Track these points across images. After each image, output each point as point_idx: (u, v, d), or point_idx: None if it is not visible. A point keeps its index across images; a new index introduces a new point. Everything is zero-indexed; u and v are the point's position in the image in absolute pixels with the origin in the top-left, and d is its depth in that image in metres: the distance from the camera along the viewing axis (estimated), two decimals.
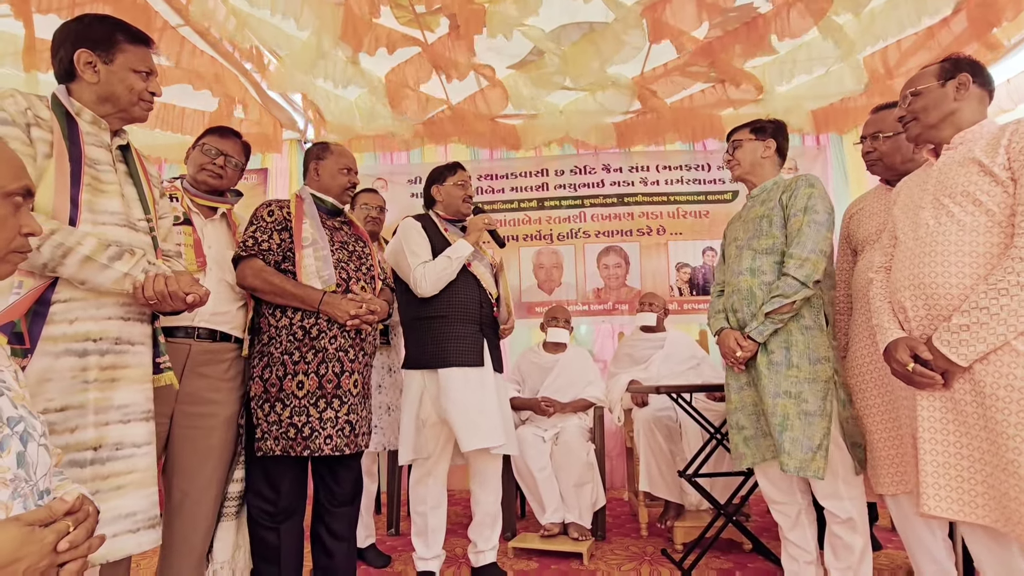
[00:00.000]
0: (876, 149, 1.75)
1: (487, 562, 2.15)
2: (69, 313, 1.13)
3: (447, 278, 2.02)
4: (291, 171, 4.21)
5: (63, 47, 1.27)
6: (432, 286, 2.01)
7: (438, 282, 2.01)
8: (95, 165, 1.25)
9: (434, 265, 2.01)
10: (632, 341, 3.16)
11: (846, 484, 1.65)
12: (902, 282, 1.31)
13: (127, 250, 1.20)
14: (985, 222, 1.20)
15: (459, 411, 1.93)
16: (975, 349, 1.16)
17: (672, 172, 4.00)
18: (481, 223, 2.09)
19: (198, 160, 1.73)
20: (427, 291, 2.01)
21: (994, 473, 1.14)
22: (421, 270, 2.00)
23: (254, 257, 1.68)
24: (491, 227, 2.11)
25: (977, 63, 1.36)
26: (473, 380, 1.98)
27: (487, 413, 1.96)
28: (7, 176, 0.74)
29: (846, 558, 1.64)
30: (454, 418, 1.93)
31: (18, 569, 0.62)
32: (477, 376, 2.00)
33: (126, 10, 2.54)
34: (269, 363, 1.66)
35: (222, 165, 1.73)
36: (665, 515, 2.70)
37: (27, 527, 0.64)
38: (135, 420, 1.17)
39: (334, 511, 1.74)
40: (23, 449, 0.71)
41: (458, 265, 2.03)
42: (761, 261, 1.81)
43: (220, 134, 1.77)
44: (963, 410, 1.20)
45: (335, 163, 1.86)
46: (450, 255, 2.02)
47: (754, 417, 1.79)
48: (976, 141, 1.28)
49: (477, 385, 1.98)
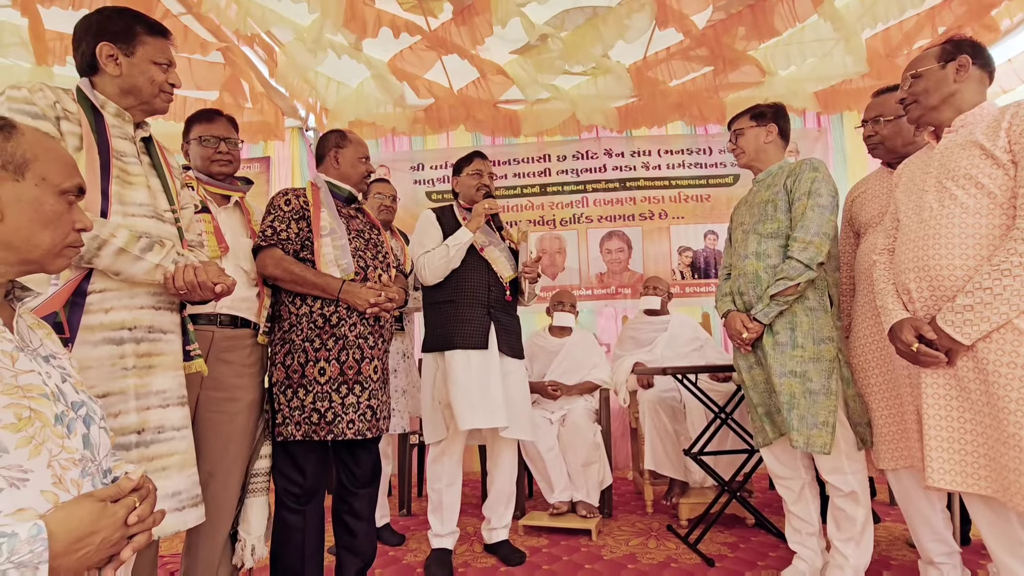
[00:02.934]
0: (877, 132, 1.78)
1: (500, 539, 2.22)
2: (104, 303, 1.17)
3: (446, 265, 2.08)
4: (293, 158, 4.21)
5: (84, 40, 1.29)
6: (432, 274, 2.08)
7: (437, 270, 2.08)
8: (122, 157, 1.27)
9: (434, 254, 2.08)
10: (636, 324, 3.21)
11: (849, 459, 1.71)
12: (906, 264, 1.35)
13: (157, 241, 1.23)
14: (987, 204, 1.25)
15: (458, 391, 2.00)
16: (978, 328, 1.20)
17: (673, 156, 4.02)
18: (481, 209, 2.12)
19: (202, 153, 1.73)
20: (428, 279, 2.09)
21: (995, 447, 1.20)
22: (422, 260, 2.09)
23: (274, 247, 1.71)
24: (492, 211, 2.14)
25: (978, 44, 1.38)
26: (476, 362, 2.04)
27: (487, 394, 2.01)
28: (62, 175, 0.77)
29: (848, 529, 1.70)
30: (453, 398, 2.00)
31: (95, 540, 0.67)
32: (480, 358, 2.05)
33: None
34: (291, 350, 1.70)
35: (227, 151, 1.75)
36: (670, 492, 2.78)
37: (100, 503, 0.68)
38: (172, 405, 1.22)
39: (356, 492, 1.79)
40: (87, 431, 0.75)
41: (458, 252, 2.08)
42: (766, 245, 1.85)
43: (208, 119, 1.76)
44: (967, 387, 1.26)
45: (355, 152, 1.89)
46: (449, 243, 2.08)
47: (765, 395, 1.85)
48: (977, 124, 1.31)
49: (479, 367, 2.04)
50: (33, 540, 0.61)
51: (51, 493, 0.67)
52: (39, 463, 0.66)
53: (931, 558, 1.65)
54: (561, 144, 4.08)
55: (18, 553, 0.60)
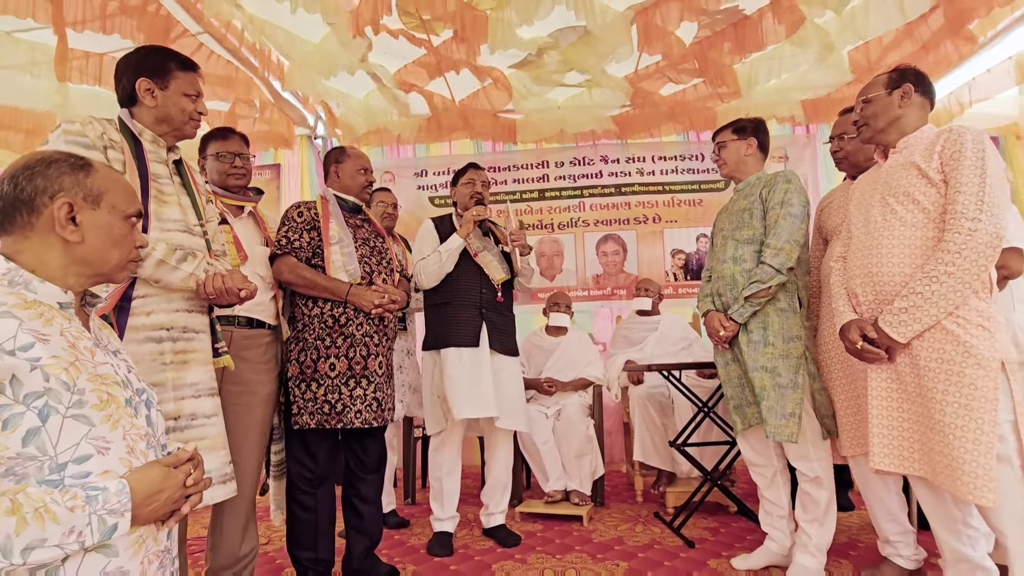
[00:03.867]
0: (842, 148, 1.94)
1: (497, 523, 2.40)
2: (146, 307, 1.35)
3: (442, 270, 2.26)
4: (302, 166, 4.39)
5: (125, 76, 1.46)
6: (428, 279, 2.27)
7: (432, 275, 2.27)
8: (157, 179, 1.45)
9: (428, 260, 2.26)
10: (629, 324, 3.37)
11: (814, 447, 1.86)
12: (854, 271, 1.51)
13: (190, 253, 1.41)
14: (922, 219, 1.40)
15: (451, 385, 2.19)
16: (912, 328, 1.36)
17: (667, 163, 4.18)
18: (470, 216, 2.29)
19: (219, 168, 1.90)
20: (424, 284, 2.29)
21: (926, 433, 1.36)
22: (419, 266, 2.29)
23: (288, 255, 1.89)
24: (480, 217, 2.29)
25: (920, 73, 1.53)
26: (467, 358, 2.22)
27: (477, 388, 2.19)
28: (127, 203, 0.94)
29: (813, 511, 1.86)
30: (447, 391, 2.19)
31: (162, 497, 0.84)
32: (472, 355, 2.23)
33: (150, 20, 2.72)
34: (304, 348, 1.87)
35: (241, 165, 1.93)
36: (658, 482, 2.95)
37: (165, 468, 0.86)
38: (204, 395, 1.39)
39: (364, 477, 1.97)
40: (148, 412, 0.93)
41: (449, 257, 2.25)
42: (743, 250, 2.01)
43: (223, 137, 1.93)
44: (904, 380, 1.42)
45: (352, 165, 2.06)
46: (441, 250, 2.25)
47: (739, 389, 2.01)
48: (916, 146, 1.47)
49: (471, 363, 2.22)
50: (120, 493, 0.78)
51: (127, 460, 0.84)
52: (117, 436, 0.84)
53: (887, 537, 1.81)
54: (559, 151, 4.25)
55: (109, 503, 0.77)
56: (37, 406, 0.76)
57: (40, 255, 0.87)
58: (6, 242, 0.87)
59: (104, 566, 0.78)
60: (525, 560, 2.13)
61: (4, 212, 0.86)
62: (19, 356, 0.77)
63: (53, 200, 0.86)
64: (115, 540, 0.79)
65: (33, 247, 0.86)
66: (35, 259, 0.86)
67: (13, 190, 0.85)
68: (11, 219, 0.86)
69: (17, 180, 0.85)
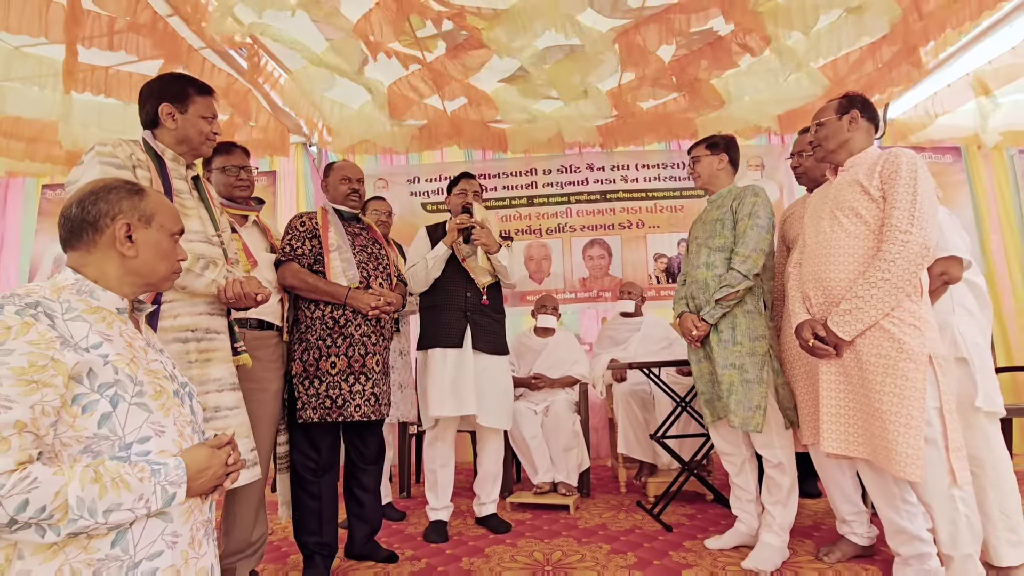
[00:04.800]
0: (801, 165, 2.13)
1: (489, 512, 2.56)
2: (172, 310, 1.49)
3: (429, 276, 2.43)
4: (298, 173, 4.52)
5: (149, 102, 1.61)
6: (417, 284, 2.45)
7: (420, 281, 2.44)
8: (179, 195, 1.59)
9: (417, 267, 2.43)
10: (613, 325, 3.55)
11: (778, 436, 2.05)
12: (807, 276, 1.70)
13: (211, 261, 1.56)
14: (864, 231, 1.59)
15: (432, 384, 2.36)
16: (855, 328, 1.55)
17: (650, 170, 4.37)
18: (452, 224, 2.44)
19: (224, 181, 2.05)
20: (415, 288, 2.46)
21: (867, 419, 1.54)
22: (410, 272, 2.45)
23: (291, 261, 2.04)
24: (463, 225, 2.41)
25: (867, 100, 1.73)
26: (451, 359, 2.38)
27: (457, 387, 2.35)
28: (172, 221, 1.09)
29: (777, 494, 2.04)
30: (428, 389, 2.35)
31: (208, 473, 0.99)
32: (455, 355, 2.39)
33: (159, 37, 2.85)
34: (307, 347, 2.02)
35: (246, 178, 2.07)
36: (640, 473, 3.13)
37: (210, 448, 1.01)
38: (226, 390, 1.54)
39: (365, 468, 2.12)
40: (191, 403, 1.08)
41: (435, 264, 2.41)
42: (714, 257, 2.18)
43: (227, 152, 2.07)
44: (849, 373, 1.60)
45: (335, 176, 2.21)
46: (427, 257, 2.41)
47: (710, 384, 2.19)
48: (860, 166, 1.66)
49: (454, 363, 2.38)
50: (177, 468, 0.94)
51: (178, 442, 0.99)
52: (169, 422, 0.99)
53: (843, 516, 2.00)
54: (547, 159, 4.43)
55: (169, 476, 0.92)
56: (108, 395, 0.91)
57: (101, 267, 1.01)
58: (72, 256, 1.01)
59: (163, 530, 0.94)
60: (515, 544, 2.29)
61: (72, 231, 1.00)
62: (92, 353, 0.91)
63: (114, 221, 1.01)
64: (172, 508, 0.94)
65: (96, 261, 1.01)
66: (97, 271, 1.01)
67: (80, 213, 1.00)
68: (79, 237, 1.00)
69: (84, 204, 1.00)
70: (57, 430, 0.87)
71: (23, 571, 0.84)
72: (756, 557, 1.97)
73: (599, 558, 2.10)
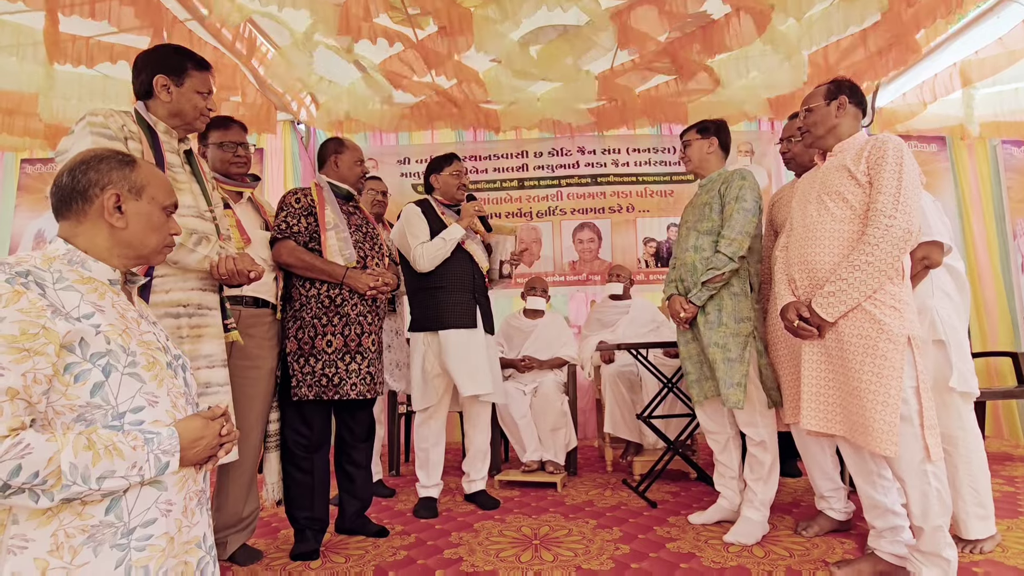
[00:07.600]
0: (790, 150, 2.15)
1: (477, 489, 2.60)
2: (164, 285, 1.49)
3: (442, 256, 2.41)
4: (285, 150, 4.45)
5: (144, 72, 1.58)
6: (429, 263, 2.41)
7: (434, 259, 2.41)
8: (171, 168, 1.58)
9: (431, 245, 2.40)
10: (602, 307, 3.59)
11: (761, 415, 2.10)
12: (793, 259, 1.73)
13: (204, 237, 1.55)
14: (850, 215, 1.62)
15: (458, 364, 2.37)
16: (838, 309, 1.58)
17: (641, 154, 4.38)
18: (472, 210, 2.46)
19: (221, 156, 2.02)
20: (424, 267, 2.42)
21: (846, 397, 1.59)
22: (420, 249, 2.40)
23: (287, 239, 2.03)
24: (481, 214, 2.47)
25: (855, 85, 1.74)
26: (467, 339, 2.40)
27: (479, 366, 2.39)
28: (164, 194, 1.08)
29: (759, 470, 2.10)
30: (454, 370, 2.36)
31: (202, 443, 1.00)
32: (470, 336, 2.41)
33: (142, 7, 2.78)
34: (302, 326, 2.02)
35: (243, 154, 2.05)
36: (626, 453, 3.19)
37: (204, 419, 1.02)
38: (216, 366, 1.55)
39: (356, 446, 2.14)
40: (184, 375, 1.08)
41: (451, 246, 2.42)
42: (702, 240, 2.21)
43: (225, 127, 2.04)
44: (831, 353, 1.64)
45: (351, 157, 2.19)
46: (444, 237, 2.40)
47: (698, 365, 2.23)
48: (848, 151, 1.68)
49: (470, 343, 2.40)
50: (171, 437, 0.94)
51: (171, 412, 0.99)
52: (162, 392, 0.99)
53: (821, 492, 2.07)
54: (538, 141, 4.41)
55: (163, 445, 0.93)
56: (101, 364, 0.92)
57: (91, 238, 1.01)
58: (63, 227, 1.01)
59: (157, 498, 0.95)
60: (504, 520, 2.34)
61: (62, 200, 0.99)
62: (84, 322, 0.91)
63: (103, 191, 1.00)
64: (165, 477, 0.95)
65: (86, 231, 1.01)
66: (87, 242, 1.01)
67: (71, 182, 0.99)
68: (68, 207, 1.00)
69: (74, 173, 0.99)
70: (50, 398, 0.88)
71: (18, 535, 0.85)
72: (737, 531, 2.03)
73: (585, 533, 2.15)
